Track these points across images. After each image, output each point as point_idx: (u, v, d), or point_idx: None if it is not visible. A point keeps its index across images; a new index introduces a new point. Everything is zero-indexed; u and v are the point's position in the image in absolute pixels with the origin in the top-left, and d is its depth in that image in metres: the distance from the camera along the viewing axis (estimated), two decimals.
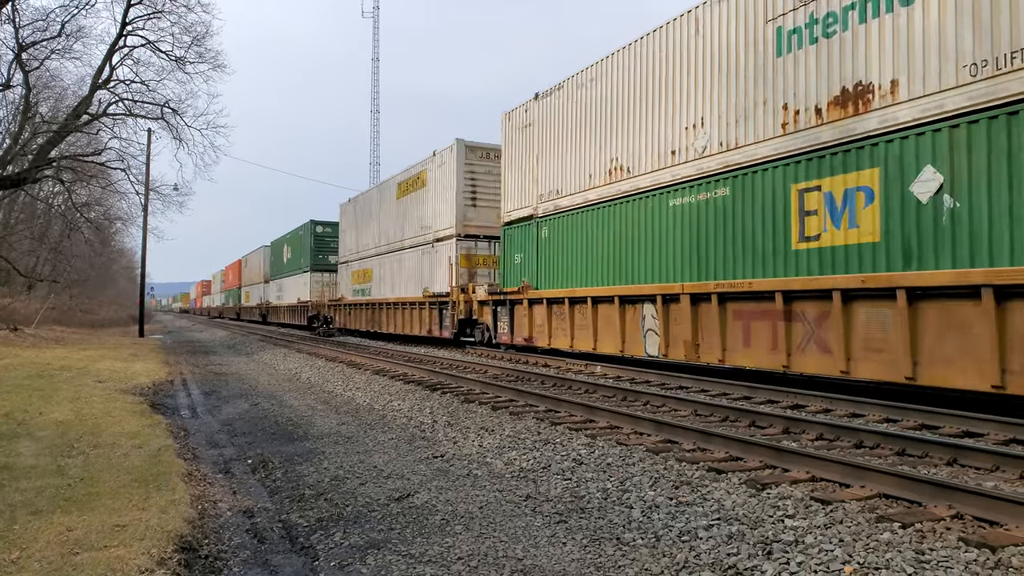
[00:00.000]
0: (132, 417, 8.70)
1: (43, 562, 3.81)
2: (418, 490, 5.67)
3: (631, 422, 7.76)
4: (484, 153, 21.92)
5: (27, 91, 26.22)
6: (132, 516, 4.63)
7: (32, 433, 7.43)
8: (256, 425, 9.16)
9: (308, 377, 14.55)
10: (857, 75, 9.55)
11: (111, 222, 42.30)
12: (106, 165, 27.76)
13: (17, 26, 23.92)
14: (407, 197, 25.64)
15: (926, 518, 4.39)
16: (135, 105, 26.17)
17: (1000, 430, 7.19)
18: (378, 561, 4.20)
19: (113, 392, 11.05)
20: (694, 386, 11.21)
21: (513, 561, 4.14)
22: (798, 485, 5.26)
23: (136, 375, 13.91)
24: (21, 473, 5.73)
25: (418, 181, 24.70)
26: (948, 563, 3.74)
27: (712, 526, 4.51)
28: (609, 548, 4.28)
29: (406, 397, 10.73)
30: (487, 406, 9.45)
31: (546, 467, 6.23)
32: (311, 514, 5.20)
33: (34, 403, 9.42)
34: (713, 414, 8.50)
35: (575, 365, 14.76)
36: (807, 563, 3.83)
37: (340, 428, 8.58)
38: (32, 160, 25.30)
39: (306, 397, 11.64)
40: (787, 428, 7.54)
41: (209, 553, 4.34)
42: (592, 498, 5.30)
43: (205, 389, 13.17)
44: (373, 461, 6.74)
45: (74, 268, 38.60)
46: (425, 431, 8.20)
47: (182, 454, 6.93)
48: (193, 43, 25.57)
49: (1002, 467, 5.63)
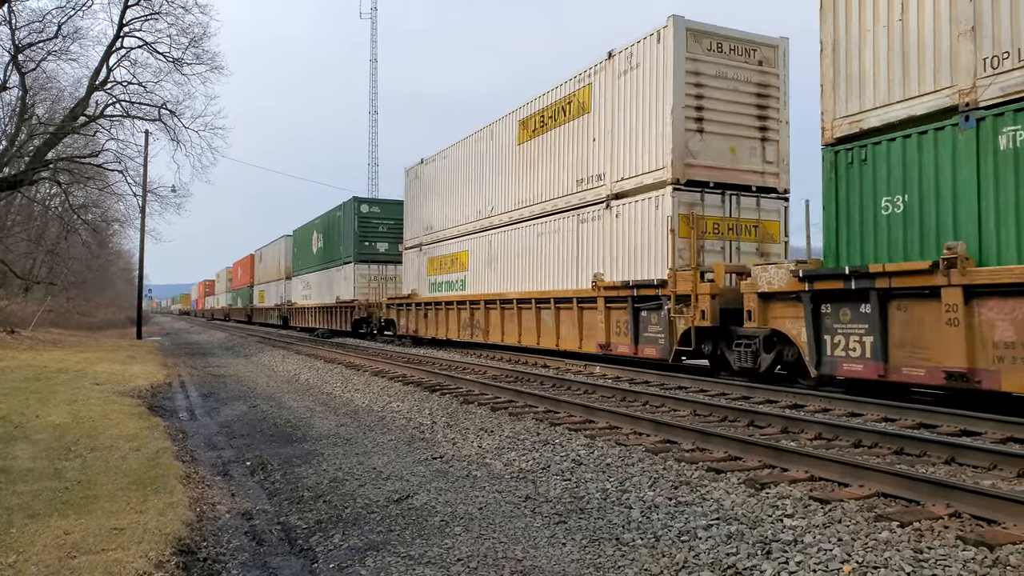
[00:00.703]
0: (130, 419, 8.68)
1: (40, 565, 3.80)
2: (417, 491, 5.67)
3: (630, 422, 7.76)
4: (716, 44, 13.45)
5: (23, 93, 26.20)
6: (130, 519, 4.62)
7: (29, 436, 7.42)
8: (255, 427, 9.15)
9: (307, 379, 14.54)
10: None
11: (108, 224, 42.23)
12: (103, 167, 27.77)
13: (13, 28, 23.93)
14: (542, 138, 17.43)
15: (924, 517, 4.39)
16: (132, 107, 26.21)
17: (998, 429, 7.20)
18: (377, 563, 4.19)
19: (111, 394, 11.03)
20: (693, 386, 11.21)
21: (512, 562, 4.14)
22: (797, 485, 5.26)
23: (134, 377, 13.89)
24: (18, 476, 5.71)
25: (568, 108, 16.38)
26: (946, 562, 3.74)
27: (711, 526, 4.51)
28: (608, 548, 4.28)
29: (405, 398, 10.72)
30: (486, 407, 9.45)
31: (545, 468, 6.23)
32: (310, 516, 5.19)
33: (31, 406, 9.40)
34: (712, 414, 8.50)
35: (574, 366, 14.75)
36: (806, 562, 3.83)
37: (339, 430, 8.57)
38: (29, 162, 25.27)
39: (305, 399, 11.63)
40: (786, 428, 7.54)
41: (207, 556, 4.33)
42: (591, 498, 5.30)
43: (203, 391, 13.16)
44: (372, 462, 6.74)
45: (71, 270, 38.58)
46: (424, 432, 8.19)
47: (180, 456, 6.92)
48: (190, 44, 25.62)
49: (1000, 465, 5.63)
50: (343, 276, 31.00)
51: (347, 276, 30.43)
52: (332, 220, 33.47)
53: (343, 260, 31.13)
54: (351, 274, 30.00)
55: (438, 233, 23.58)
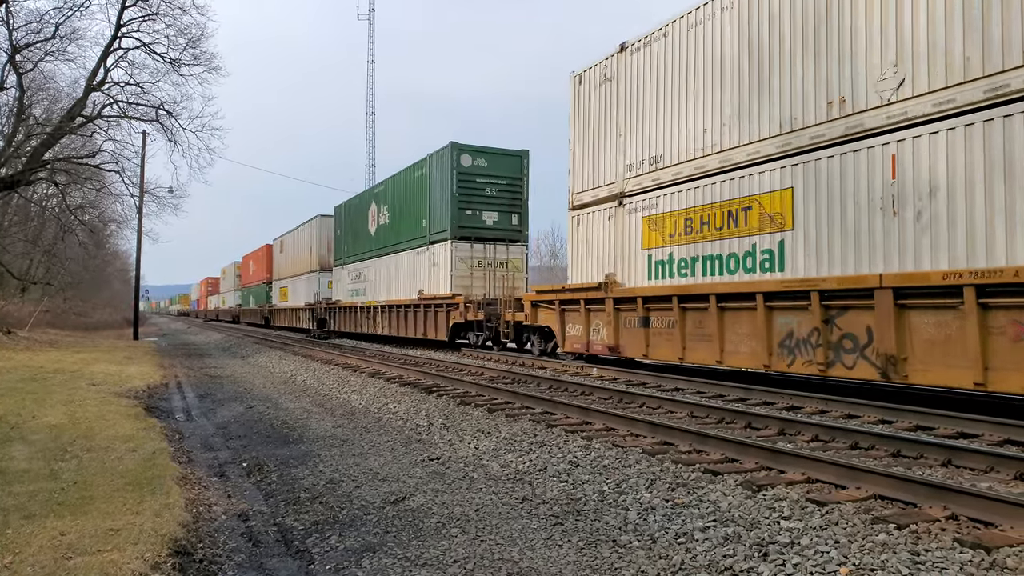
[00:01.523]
0: (126, 420, 8.66)
1: (36, 567, 3.79)
2: (414, 493, 5.66)
3: (627, 424, 7.76)
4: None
5: (21, 93, 26.16)
6: (126, 520, 4.61)
7: (25, 437, 7.40)
8: (251, 428, 9.13)
9: (304, 380, 14.52)
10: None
11: (105, 224, 42.14)
12: (100, 167, 27.73)
13: (11, 28, 23.91)
14: None
15: (921, 519, 4.40)
16: (130, 107, 26.16)
17: (994, 431, 7.21)
18: (374, 564, 4.18)
19: (107, 395, 11.01)
20: (690, 388, 11.22)
21: (509, 564, 4.13)
22: (794, 487, 5.27)
23: (130, 378, 13.86)
24: (14, 477, 5.70)
25: None
26: (943, 564, 3.75)
27: (708, 528, 4.51)
28: (605, 550, 4.28)
29: (402, 400, 10.71)
30: (483, 408, 9.44)
31: (542, 469, 6.23)
32: (306, 517, 5.19)
33: (27, 406, 9.37)
34: (709, 416, 8.50)
35: (571, 367, 14.75)
36: (803, 564, 3.83)
37: (336, 431, 8.56)
38: (26, 162, 25.22)
39: (301, 400, 11.61)
40: (783, 429, 7.55)
41: (204, 557, 4.32)
42: (588, 500, 5.30)
43: (200, 392, 13.13)
44: (369, 464, 6.72)
45: (68, 271, 38.55)
46: (421, 434, 8.18)
47: (177, 457, 6.91)
48: (188, 45, 25.58)
49: (996, 468, 5.64)
50: (430, 261, 22.17)
51: (437, 261, 21.69)
52: (407, 184, 24.18)
53: (430, 238, 22.21)
54: (445, 257, 21.12)
55: (678, 168, 12.84)
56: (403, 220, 24.65)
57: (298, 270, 38.17)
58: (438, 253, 21.76)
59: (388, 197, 26.20)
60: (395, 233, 25.29)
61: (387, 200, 26.18)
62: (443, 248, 21.36)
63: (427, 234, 22.57)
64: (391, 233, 25.65)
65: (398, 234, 25.05)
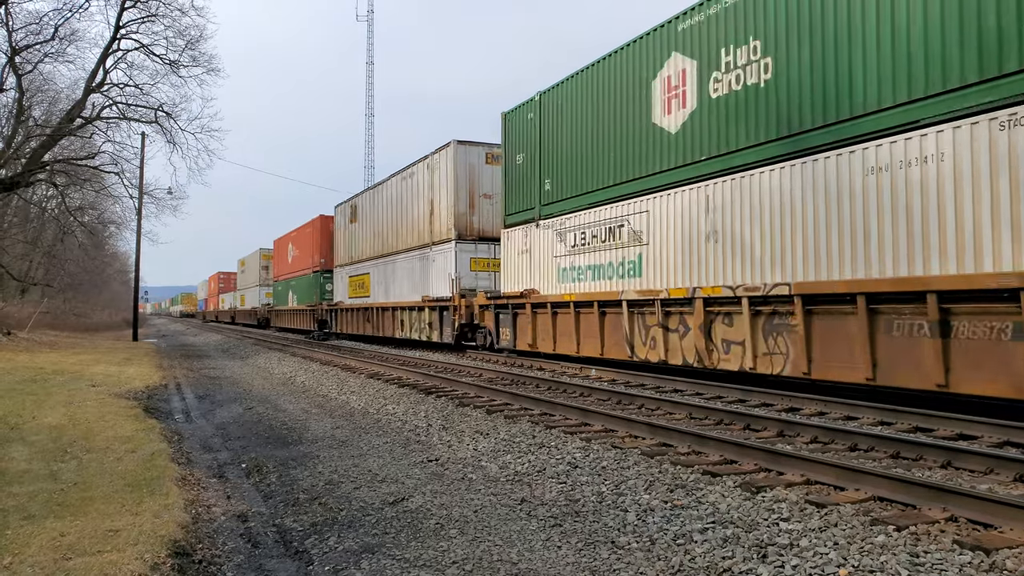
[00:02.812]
0: (126, 421, 8.66)
1: (36, 567, 3.79)
2: (413, 494, 5.66)
3: (626, 425, 7.76)
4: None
5: (20, 95, 26.17)
6: (125, 521, 4.61)
7: (25, 437, 7.40)
8: (250, 429, 9.13)
9: (303, 381, 14.51)
10: None
11: (105, 226, 42.18)
12: (100, 169, 27.77)
13: (10, 29, 23.91)
14: None
15: (921, 521, 4.40)
16: (129, 109, 26.19)
17: (994, 432, 7.21)
18: (372, 566, 4.18)
19: (107, 396, 11.01)
20: (689, 389, 11.22)
21: (508, 565, 4.13)
22: (793, 488, 5.27)
23: (130, 379, 13.86)
24: (14, 478, 5.70)
25: None
26: (943, 566, 3.75)
27: (707, 529, 4.51)
28: (604, 552, 4.28)
29: (401, 401, 10.71)
30: (482, 410, 9.44)
31: (541, 471, 6.23)
32: (305, 518, 5.18)
33: (27, 407, 9.37)
34: (708, 417, 8.51)
35: (570, 368, 14.75)
36: (802, 566, 3.83)
37: (335, 432, 8.56)
38: (25, 164, 25.24)
39: (300, 401, 11.61)
40: (782, 431, 7.55)
41: (203, 558, 4.32)
42: (587, 502, 5.30)
43: (199, 393, 13.13)
44: (368, 465, 6.72)
45: (67, 272, 38.55)
46: (420, 435, 8.18)
47: (176, 458, 6.91)
48: (187, 47, 25.61)
49: (996, 469, 5.64)
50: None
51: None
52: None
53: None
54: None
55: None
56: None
57: (399, 245, 24.85)
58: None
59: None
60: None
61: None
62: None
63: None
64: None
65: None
